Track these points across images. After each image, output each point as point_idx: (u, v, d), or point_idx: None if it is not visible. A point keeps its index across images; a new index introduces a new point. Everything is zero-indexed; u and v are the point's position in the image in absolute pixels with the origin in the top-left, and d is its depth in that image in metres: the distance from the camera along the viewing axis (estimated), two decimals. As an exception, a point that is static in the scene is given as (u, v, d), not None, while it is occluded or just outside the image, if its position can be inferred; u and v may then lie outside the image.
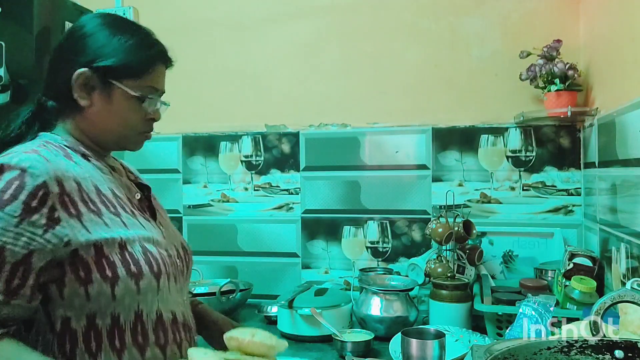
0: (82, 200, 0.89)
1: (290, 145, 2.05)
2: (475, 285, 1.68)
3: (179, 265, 1.02)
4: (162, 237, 1.00)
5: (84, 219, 0.88)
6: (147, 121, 1.00)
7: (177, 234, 1.12)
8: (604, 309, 0.73)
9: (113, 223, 0.91)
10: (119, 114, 0.96)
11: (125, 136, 1.00)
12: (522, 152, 1.86)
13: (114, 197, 0.95)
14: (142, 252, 0.92)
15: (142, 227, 0.96)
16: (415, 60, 1.94)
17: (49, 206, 0.84)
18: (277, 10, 2.06)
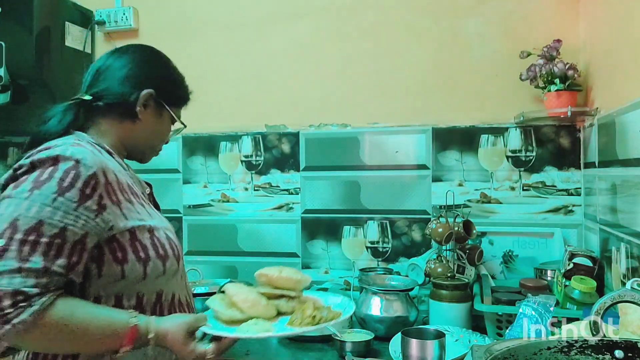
0: (120, 190, 1.02)
1: (290, 145, 2.05)
2: (475, 285, 1.68)
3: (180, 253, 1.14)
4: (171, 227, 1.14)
5: (123, 206, 1.01)
6: (163, 142, 1.22)
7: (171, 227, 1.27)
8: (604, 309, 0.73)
9: (142, 212, 1.05)
10: (161, 132, 1.18)
11: (147, 147, 1.18)
12: (522, 152, 1.86)
13: (134, 188, 1.08)
14: (165, 238, 1.06)
15: (159, 217, 1.10)
16: (415, 60, 1.94)
17: (99, 194, 0.96)
18: (277, 10, 2.06)
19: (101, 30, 2.21)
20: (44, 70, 1.96)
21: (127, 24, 2.15)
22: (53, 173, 0.93)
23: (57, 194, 0.92)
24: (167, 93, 1.17)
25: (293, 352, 1.48)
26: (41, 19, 1.93)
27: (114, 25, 2.16)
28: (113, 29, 2.17)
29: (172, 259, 1.05)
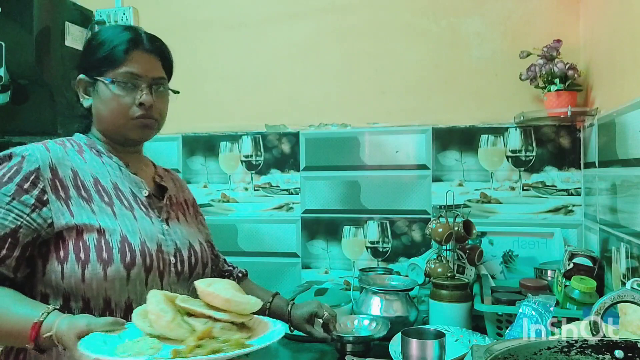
0: (75, 186, 1.00)
1: (290, 145, 2.05)
2: (475, 285, 1.68)
3: (172, 262, 1.07)
4: (161, 234, 1.07)
5: (72, 202, 0.99)
6: (139, 107, 1.06)
7: (192, 236, 1.16)
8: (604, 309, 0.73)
9: (101, 211, 1.01)
10: (106, 104, 1.06)
11: (120, 124, 1.07)
12: (522, 152, 1.86)
13: (114, 189, 1.05)
14: (119, 242, 0.99)
15: (133, 219, 1.04)
16: (415, 60, 1.94)
17: (40, 188, 0.97)
18: (277, 10, 2.06)
19: (101, 30, 2.21)
20: (44, 70, 1.96)
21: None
22: (1, 169, 0.98)
23: None
24: (91, 66, 1.08)
25: (293, 352, 1.48)
26: (41, 19, 1.93)
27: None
28: (113, 29, 2.17)
29: (117, 265, 0.97)
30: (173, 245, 1.09)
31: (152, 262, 1.02)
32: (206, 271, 1.17)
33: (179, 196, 1.24)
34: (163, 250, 1.06)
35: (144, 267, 1.01)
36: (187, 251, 1.11)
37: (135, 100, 1.05)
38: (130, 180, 1.10)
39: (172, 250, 1.08)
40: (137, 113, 1.06)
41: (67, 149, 1.06)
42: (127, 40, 1.06)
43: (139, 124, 1.07)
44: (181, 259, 1.09)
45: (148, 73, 1.07)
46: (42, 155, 0.99)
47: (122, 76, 1.05)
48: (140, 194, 1.10)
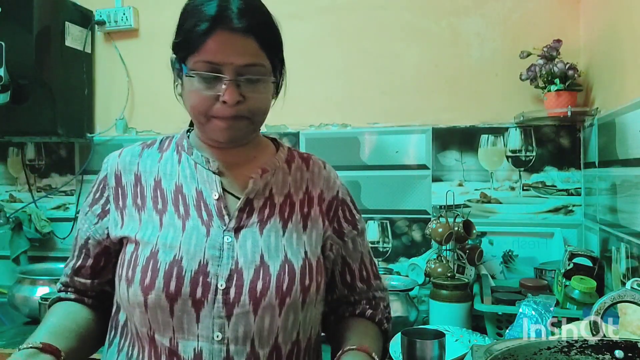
0: (133, 193, 0.92)
1: (290, 145, 2.04)
2: (475, 285, 1.68)
3: (220, 288, 0.83)
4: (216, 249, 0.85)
5: (125, 212, 0.91)
6: (222, 105, 0.83)
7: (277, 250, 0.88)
8: (604, 309, 0.73)
9: (148, 220, 0.88)
10: (187, 96, 0.87)
11: (201, 123, 0.88)
12: (522, 152, 1.86)
13: (174, 193, 0.90)
14: (146, 258, 0.84)
15: (180, 230, 0.86)
16: (415, 60, 1.94)
17: (106, 197, 0.93)
18: (277, 10, 2.05)
19: (101, 30, 2.21)
20: (44, 70, 1.96)
21: (127, 24, 2.15)
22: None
23: (85, 200, 0.97)
24: (175, 46, 0.90)
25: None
26: (41, 19, 1.93)
27: (114, 25, 2.16)
28: (113, 29, 2.17)
29: (135, 287, 0.83)
30: (230, 265, 0.84)
31: (180, 286, 0.81)
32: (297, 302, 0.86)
33: (296, 194, 0.96)
34: (208, 271, 0.83)
35: (166, 292, 0.81)
36: (251, 272, 0.84)
37: (218, 96, 0.83)
38: (203, 180, 0.91)
39: (226, 271, 0.84)
40: (220, 112, 0.84)
41: (145, 150, 0.96)
42: (208, 18, 0.82)
43: (222, 125, 0.85)
44: (239, 283, 0.83)
45: (234, 60, 0.83)
46: (111, 162, 0.95)
47: (199, 65, 0.83)
48: (209, 197, 0.90)
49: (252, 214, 0.90)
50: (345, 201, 1.01)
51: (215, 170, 0.92)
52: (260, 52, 0.86)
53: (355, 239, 1.01)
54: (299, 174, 0.99)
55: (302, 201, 0.95)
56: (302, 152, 1.06)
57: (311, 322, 0.92)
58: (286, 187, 0.96)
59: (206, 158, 0.92)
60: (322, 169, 1.02)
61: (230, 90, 0.83)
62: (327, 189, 0.99)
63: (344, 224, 0.99)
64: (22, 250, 2.13)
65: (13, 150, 2.31)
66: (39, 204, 2.25)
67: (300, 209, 0.94)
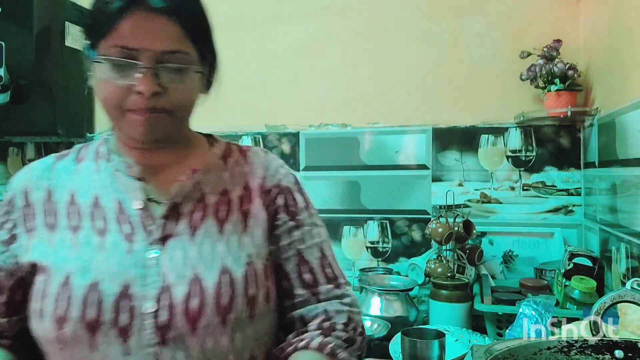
0: (43, 212, 0.79)
1: (290, 145, 2.05)
2: (475, 285, 1.68)
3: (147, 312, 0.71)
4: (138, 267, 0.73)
5: (35, 234, 0.78)
6: (137, 96, 0.72)
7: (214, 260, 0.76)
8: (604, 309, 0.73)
9: (60, 241, 0.76)
10: (97, 87, 0.75)
11: (112, 117, 0.76)
12: (522, 152, 1.85)
13: (91, 207, 0.78)
14: (59, 285, 0.72)
15: (96, 249, 0.75)
16: (415, 60, 1.94)
17: (13, 221, 0.79)
18: (277, 10, 2.06)
19: (101, 30, 2.20)
20: (44, 70, 1.96)
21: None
22: None
23: None
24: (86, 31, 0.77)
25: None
26: (41, 19, 1.93)
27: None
28: (113, 29, 2.17)
29: (48, 319, 0.71)
30: (158, 283, 0.73)
31: (100, 314, 0.70)
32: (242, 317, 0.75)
33: (234, 191, 0.84)
34: (131, 294, 0.71)
35: (84, 322, 0.69)
36: (184, 289, 0.72)
37: (129, 87, 0.72)
38: (124, 188, 0.79)
39: (154, 291, 0.72)
40: (134, 105, 0.73)
41: (59, 162, 0.83)
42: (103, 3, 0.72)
43: (140, 119, 0.74)
44: (169, 303, 0.71)
45: (151, 45, 0.71)
46: (18, 180, 0.81)
47: (111, 51, 0.71)
48: (130, 207, 0.78)
49: (179, 220, 0.78)
50: (288, 189, 0.88)
51: (137, 175, 0.79)
52: (184, 38, 0.74)
53: (292, 233, 0.84)
54: (237, 169, 0.86)
55: (241, 197, 0.83)
56: (242, 145, 0.93)
57: (268, 334, 0.81)
58: (222, 184, 0.83)
59: (126, 163, 0.80)
60: (263, 158, 0.90)
61: (146, 79, 0.71)
62: (268, 177, 0.87)
63: (280, 214, 0.84)
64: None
65: (13, 150, 2.31)
66: (39, 204, 2.25)
67: (239, 206, 0.82)
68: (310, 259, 0.84)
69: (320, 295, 0.83)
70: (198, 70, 0.79)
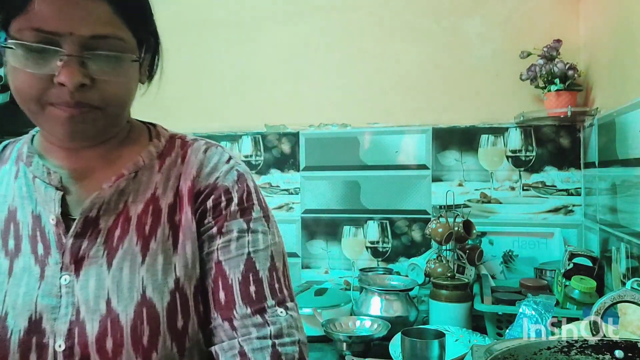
0: None
1: (290, 145, 2.05)
2: (475, 285, 1.68)
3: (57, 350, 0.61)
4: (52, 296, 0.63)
5: None
6: (59, 88, 0.61)
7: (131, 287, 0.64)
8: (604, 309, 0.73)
9: None
10: (10, 76, 0.64)
11: (29, 111, 0.65)
12: (522, 152, 1.86)
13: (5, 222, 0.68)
14: None
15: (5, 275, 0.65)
16: (415, 60, 1.94)
17: None
18: (277, 10, 2.06)
19: (101, 30, 2.20)
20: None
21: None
22: None
23: None
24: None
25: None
26: (41, 18, 1.93)
27: None
28: (113, 28, 2.17)
29: None
30: (69, 316, 0.63)
31: (6, 354, 0.61)
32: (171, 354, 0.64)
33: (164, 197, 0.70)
34: (44, 328, 0.62)
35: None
36: (96, 326, 0.62)
37: (49, 76, 0.61)
38: (41, 199, 0.68)
39: (65, 326, 0.62)
40: (57, 98, 0.62)
41: None
42: None
43: (61, 115, 0.63)
44: (81, 341, 0.61)
45: (74, 29, 0.59)
46: None
47: (27, 34, 0.60)
48: (47, 222, 0.67)
49: (95, 239, 0.66)
50: (225, 189, 0.71)
51: (57, 184, 0.68)
52: (117, 20, 0.62)
53: (213, 240, 0.69)
54: (172, 171, 0.72)
55: (172, 206, 0.70)
56: (189, 138, 0.79)
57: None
58: (150, 189, 0.70)
59: (47, 168, 0.68)
60: (200, 153, 0.75)
61: (69, 69, 0.60)
62: (202, 177, 0.72)
63: (207, 217, 0.70)
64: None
65: (13, 150, 2.31)
66: (39, 204, 2.25)
67: (169, 217, 0.69)
68: (230, 274, 0.68)
69: (234, 321, 0.66)
70: (135, 59, 0.66)
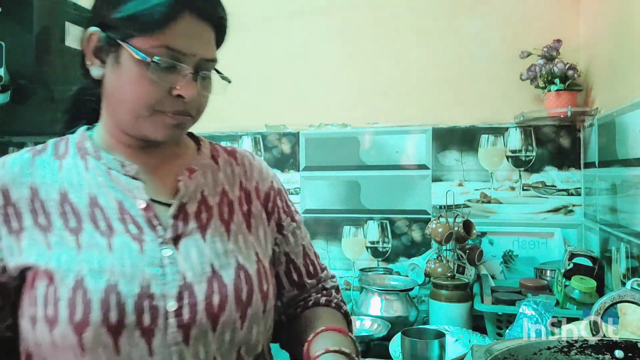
0: (31, 211, 0.73)
1: (290, 145, 2.05)
2: (475, 285, 1.68)
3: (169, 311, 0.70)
4: (154, 266, 0.72)
5: (24, 236, 0.72)
6: (174, 99, 0.72)
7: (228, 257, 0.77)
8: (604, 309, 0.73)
9: (59, 243, 0.71)
10: (127, 83, 0.72)
11: (138, 115, 0.73)
12: (522, 152, 1.86)
13: (89, 207, 0.74)
14: (70, 289, 0.68)
15: (106, 250, 0.71)
16: (415, 60, 1.94)
17: None
18: (277, 10, 2.06)
19: (101, 30, 2.20)
20: (44, 70, 1.96)
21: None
22: None
23: None
24: (113, 21, 0.72)
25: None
26: (41, 19, 1.93)
27: None
28: (113, 29, 2.17)
29: (63, 326, 0.67)
30: (177, 281, 0.72)
31: (123, 316, 0.68)
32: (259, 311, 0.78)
33: (232, 192, 0.85)
34: (153, 292, 0.70)
35: (106, 325, 0.67)
36: (204, 286, 0.73)
37: (171, 89, 0.72)
38: (122, 187, 0.76)
39: (174, 290, 0.72)
40: (169, 107, 0.73)
41: (37, 157, 0.79)
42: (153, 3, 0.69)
43: (169, 122, 0.74)
44: (191, 301, 0.72)
45: (197, 51, 0.73)
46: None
47: (158, 51, 0.70)
48: (132, 206, 0.75)
49: (188, 220, 0.78)
50: (281, 191, 0.95)
51: (134, 174, 0.77)
52: (215, 46, 0.80)
53: (295, 232, 0.93)
54: (229, 169, 0.88)
55: (240, 198, 0.85)
56: (224, 145, 0.94)
57: (270, 328, 0.85)
58: (219, 185, 0.84)
59: (120, 162, 0.77)
60: (253, 160, 0.92)
61: (189, 84, 0.73)
62: (262, 180, 0.91)
63: (282, 216, 0.91)
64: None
65: (13, 150, 2.30)
66: (39, 204, 2.25)
67: (239, 207, 0.84)
68: (310, 253, 0.96)
69: (321, 280, 0.97)
70: (222, 77, 0.84)
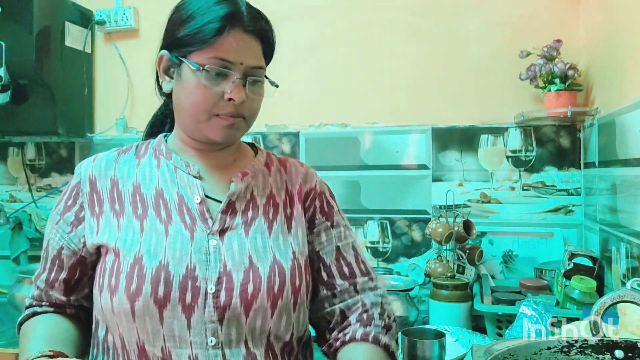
0: (110, 199, 0.89)
1: (290, 145, 2.05)
2: (475, 285, 1.68)
3: (210, 292, 0.82)
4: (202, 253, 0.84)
5: (102, 219, 0.88)
6: (226, 102, 0.86)
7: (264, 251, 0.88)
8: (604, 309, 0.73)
9: (128, 226, 0.86)
10: (188, 92, 0.86)
11: (200, 120, 0.87)
12: (522, 152, 1.86)
13: (154, 198, 0.89)
14: (131, 264, 0.82)
15: (163, 235, 0.85)
16: (415, 60, 1.94)
17: (79, 204, 0.90)
18: (277, 10, 2.04)
19: (101, 30, 2.21)
20: (44, 70, 1.96)
21: (127, 23, 2.15)
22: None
23: (54, 208, 0.94)
24: (175, 43, 0.89)
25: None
26: (41, 19, 1.93)
27: (114, 25, 2.16)
28: (113, 28, 2.17)
29: (120, 294, 0.81)
30: (218, 268, 0.84)
31: (169, 291, 0.80)
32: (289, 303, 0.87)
33: (278, 195, 0.96)
34: (197, 275, 0.82)
35: (154, 297, 0.80)
36: (241, 275, 0.84)
37: (223, 94, 0.85)
38: (184, 184, 0.91)
39: (215, 275, 0.83)
40: (223, 110, 0.86)
41: (122, 155, 0.95)
42: (223, 16, 0.85)
43: (224, 123, 0.87)
44: (228, 286, 0.83)
45: (244, 60, 0.86)
46: (85, 168, 0.93)
47: (210, 61, 0.85)
48: (190, 200, 0.89)
49: (235, 216, 0.90)
50: (322, 193, 1.01)
51: (196, 174, 0.92)
52: (262, 56, 0.91)
53: (329, 231, 0.99)
54: (278, 176, 0.99)
55: (285, 202, 0.96)
56: (279, 156, 1.05)
57: (302, 323, 0.93)
58: (267, 188, 0.96)
59: (186, 162, 0.92)
60: (300, 167, 1.03)
61: (238, 89, 0.85)
62: (305, 182, 1.00)
63: (317, 215, 0.98)
64: (22, 250, 2.13)
65: (13, 150, 2.31)
66: (39, 204, 2.25)
67: (283, 210, 0.95)
68: (347, 255, 0.98)
69: (357, 285, 0.96)
70: (271, 82, 0.93)
